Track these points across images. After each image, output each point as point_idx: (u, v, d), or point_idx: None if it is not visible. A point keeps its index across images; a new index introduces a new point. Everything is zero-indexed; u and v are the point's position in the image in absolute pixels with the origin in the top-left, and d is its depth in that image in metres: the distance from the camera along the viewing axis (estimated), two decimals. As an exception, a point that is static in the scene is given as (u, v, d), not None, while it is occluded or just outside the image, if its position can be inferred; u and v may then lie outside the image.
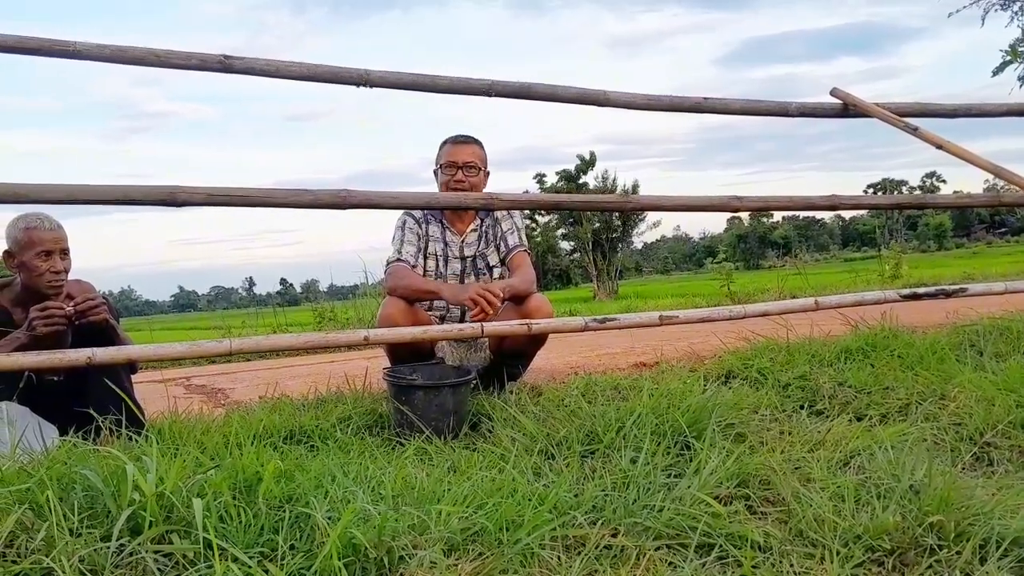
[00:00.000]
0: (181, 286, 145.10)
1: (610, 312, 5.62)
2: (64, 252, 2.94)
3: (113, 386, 2.71)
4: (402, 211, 3.61)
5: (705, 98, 3.94)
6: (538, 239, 38.09)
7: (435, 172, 3.69)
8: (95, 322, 2.80)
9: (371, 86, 3.27)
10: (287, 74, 3.17)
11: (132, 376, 3.04)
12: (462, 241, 3.66)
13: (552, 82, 3.70)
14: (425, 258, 3.62)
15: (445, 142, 3.67)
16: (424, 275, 3.57)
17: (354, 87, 3.24)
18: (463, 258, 3.66)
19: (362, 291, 9.86)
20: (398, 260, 3.52)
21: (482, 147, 3.68)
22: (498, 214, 3.69)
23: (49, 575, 1.57)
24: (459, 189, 3.52)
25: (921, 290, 3.81)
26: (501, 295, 3.20)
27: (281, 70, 3.14)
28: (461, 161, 3.58)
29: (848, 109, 4.23)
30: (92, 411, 2.61)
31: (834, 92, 4.29)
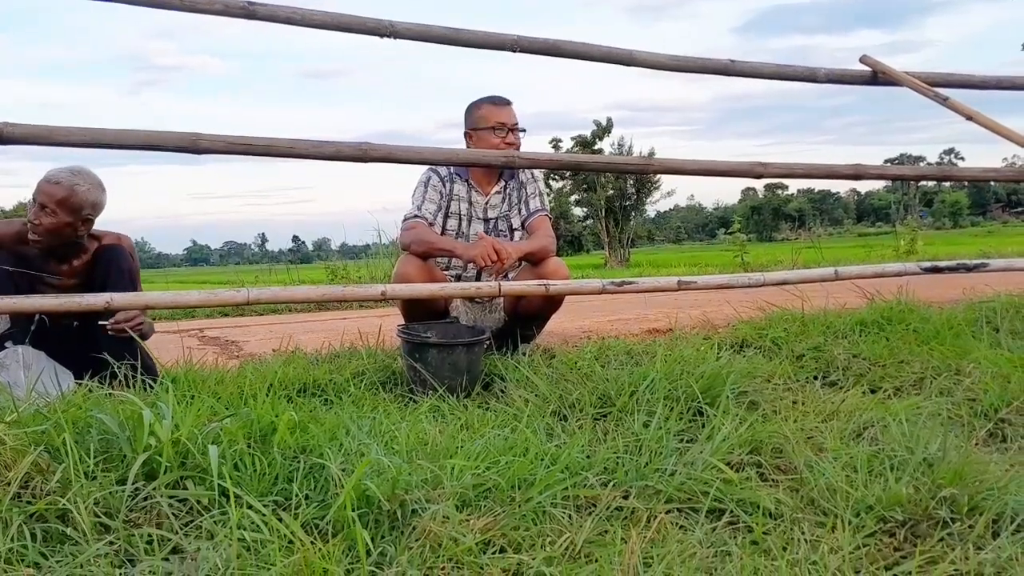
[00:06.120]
0: (194, 240, 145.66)
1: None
2: (44, 206, 2.79)
3: (130, 331, 2.72)
4: (427, 168, 3.52)
5: (732, 60, 3.87)
6: (551, 205, 37.71)
7: (466, 135, 3.58)
8: (123, 338, 2.80)
9: (396, 37, 3.20)
10: (311, 22, 3.10)
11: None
12: (486, 202, 3.59)
13: (579, 39, 3.64)
14: (447, 217, 3.55)
15: (481, 103, 3.55)
16: (443, 234, 3.51)
17: (377, 39, 3.18)
18: (486, 219, 3.59)
19: (374, 251, 9.84)
20: (416, 216, 3.45)
21: None
22: (523, 177, 3.63)
23: (64, 516, 1.59)
24: None
25: (942, 263, 3.78)
26: (512, 254, 3.18)
27: (306, 18, 3.08)
28: (511, 123, 3.51)
29: (877, 77, 4.15)
30: (107, 357, 2.61)
31: (863, 59, 4.21)
